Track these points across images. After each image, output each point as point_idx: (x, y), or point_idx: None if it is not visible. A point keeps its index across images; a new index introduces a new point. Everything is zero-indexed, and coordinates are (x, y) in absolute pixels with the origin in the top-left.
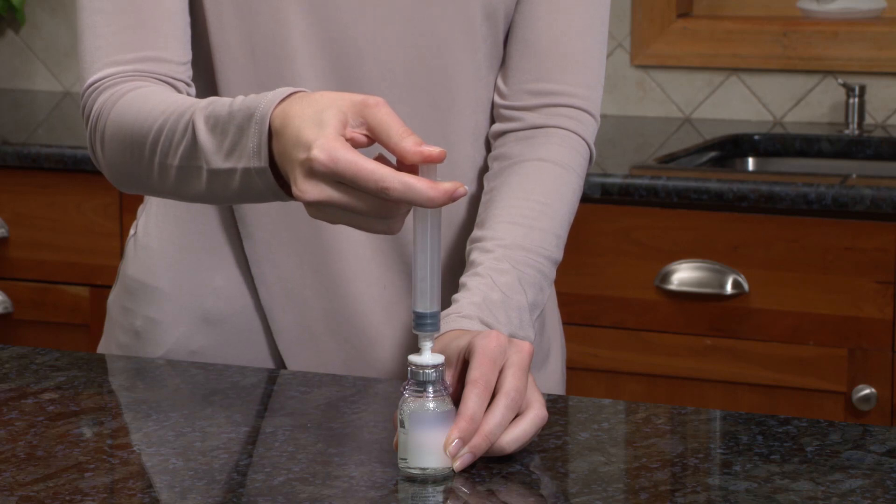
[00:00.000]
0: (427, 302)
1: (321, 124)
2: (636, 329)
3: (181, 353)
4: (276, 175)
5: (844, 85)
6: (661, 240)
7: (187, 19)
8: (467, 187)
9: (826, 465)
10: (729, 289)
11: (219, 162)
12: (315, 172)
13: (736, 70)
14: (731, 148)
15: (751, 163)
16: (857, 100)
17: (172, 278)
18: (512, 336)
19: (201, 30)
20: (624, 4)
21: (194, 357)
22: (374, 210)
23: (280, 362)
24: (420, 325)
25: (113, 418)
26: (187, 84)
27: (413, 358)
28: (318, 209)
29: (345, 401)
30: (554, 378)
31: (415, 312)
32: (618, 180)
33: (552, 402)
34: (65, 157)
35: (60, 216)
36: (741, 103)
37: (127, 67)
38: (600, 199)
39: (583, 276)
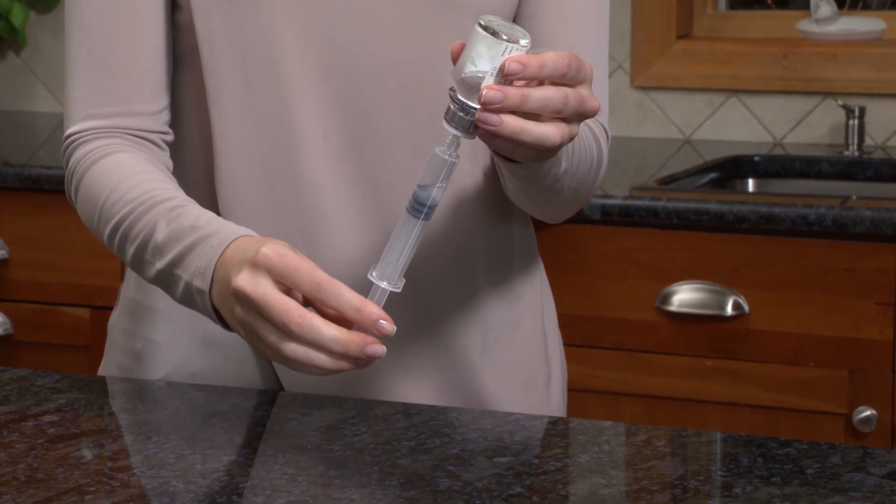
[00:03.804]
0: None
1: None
2: (636, 350)
3: (182, 376)
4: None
5: (844, 106)
6: (661, 261)
7: (164, 60)
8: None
9: (826, 487)
10: (729, 310)
11: (168, 266)
12: (258, 265)
13: (736, 91)
14: (731, 169)
15: (751, 184)
16: (857, 121)
17: (173, 300)
18: None
19: (192, 55)
20: (624, 26)
21: (195, 379)
22: (296, 326)
23: (278, 383)
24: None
25: (113, 440)
26: (163, 134)
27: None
28: (244, 310)
29: (345, 423)
30: (555, 399)
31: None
32: (618, 201)
33: (552, 424)
34: (64, 178)
35: (61, 237)
36: (741, 124)
37: (102, 123)
38: (600, 220)
39: (583, 298)
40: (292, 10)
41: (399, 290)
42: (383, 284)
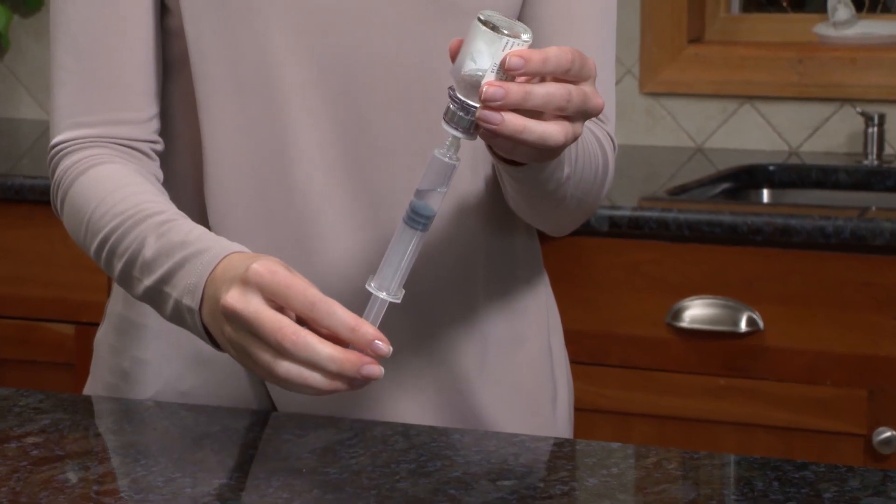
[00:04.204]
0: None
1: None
2: (646, 368)
3: (171, 395)
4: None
5: (863, 113)
6: (671, 275)
7: (153, 66)
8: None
9: None
10: (743, 326)
11: (157, 283)
12: (248, 282)
13: (750, 98)
14: (745, 179)
15: (765, 194)
16: (876, 129)
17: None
18: None
19: (182, 61)
20: (632, 29)
21: (184, 398)
22: (290, 344)
23: (272, 403)
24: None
25: (99, 463)
26: (153, 143)
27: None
28: (234, 329)
29: (342, 444)
30: (561, 419)
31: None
32: (626, 213)
33: (558, 446)
34: (49, 188)
35: (45, 250)
36: (755, 132)
37: (90, 132)
38: (608, 232)
39: (590, 313)
40: (286, 14)
41: (399, 301)
42: (382, 295)
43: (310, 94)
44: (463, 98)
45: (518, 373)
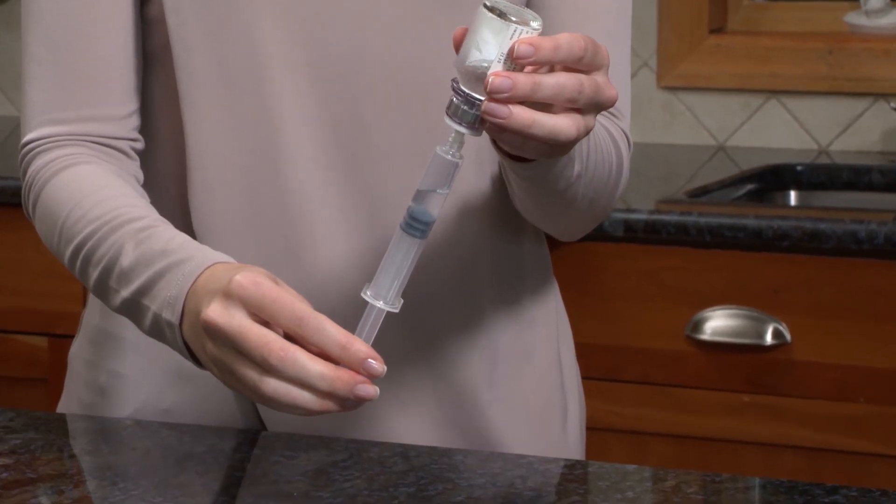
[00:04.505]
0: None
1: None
2: (664, 384)
3: (152, 412)
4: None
5: None
6: (691, 283)
7: (133, 59)
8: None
9: None
10: (769, 339)
11: (135, 295)
12: (231, 295)
13: (776, 92)
14: (771, 179)
15: (793, 196)
16: None
17: None
18: None
19: (164, 53)
20: (649, 18)
21: (166, 417)
22: (277, 360)
23: (260, 422)
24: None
25: (74, 486)
26: (132, 141)
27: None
28: (216, 345)
29: (335, 466)
30: (571, 439)
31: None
32: (642, 216)
33: (569, 468)
34: (21, 189)
35: (15, 256)
36: (782, 129)
37: (64, 129)
38: (623, 237)
39: (603, 325)
40: (276, 3)
41: (397, 311)
42: (379, 304)
43: (302, 89)
44: (467, 90)
45: (526, 389)
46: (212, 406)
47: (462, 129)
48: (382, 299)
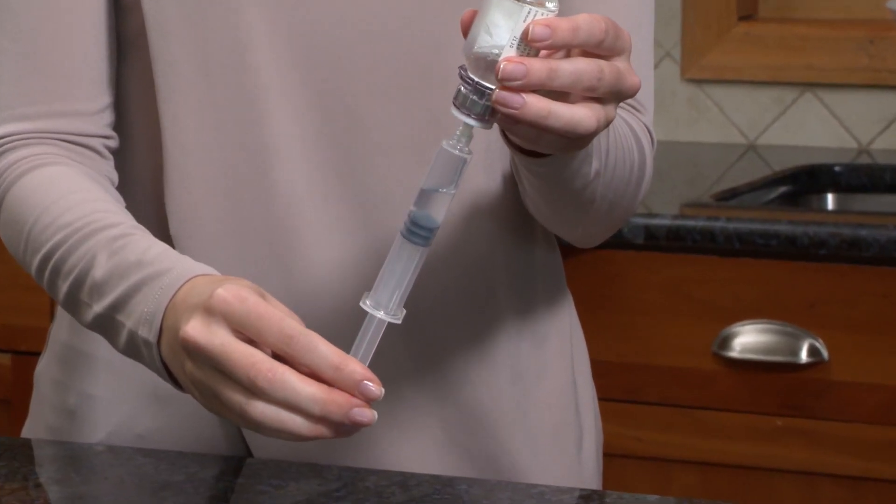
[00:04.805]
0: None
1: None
2: (689, 406)
3: (126, 438)
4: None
5: None
6: (719, 296)
7: (106, 48)
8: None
9: None
10: (804, 356)
11: (109, 310)
12: (213, 310)
13: (811, 85)
14: (806, 181)
15: (830, 200)
16: None
17: None
18: None
19: (139, 41)
20: (673, 4)
21: (142, 442)
22: (265, 382)
23: (246, 448)
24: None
25: None
26: (106, 138)
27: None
28: (197, 365)
29: (328, 496)
30: (587, 466)
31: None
32: (665, 221)
33: (584, 498)
34: None
35: None
36: (818, 126)
37: (31, 126)
38: (644, 244)
39: (623, 341)
40: None
41: (399, 322)
42: (380, 314)
43: (290, 78)
44: (476, 79)
45: (537, 411)
46: (192, 430)
47: (470, 122)
48: (383, 309)
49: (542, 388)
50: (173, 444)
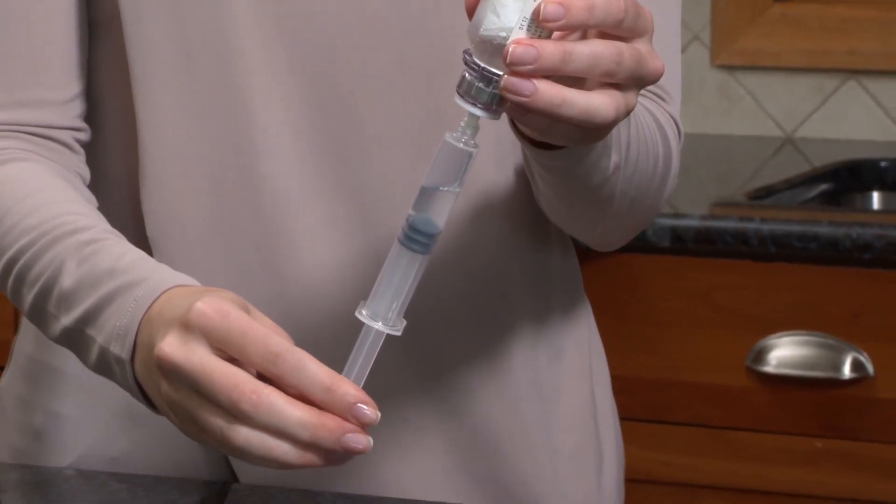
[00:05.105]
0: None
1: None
2: (720, 427)
3: (98, 461)
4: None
5: None
6: (753, 304)
7: (75, 31)
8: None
9: None
10: (846, 371)
11: (78, 323)
12: (191, 326)
13: (854, 72)
14: (849, 178)
15: (875, 199)
16: None
17: None
18: None
19: (112, 23)
20: None
21: (115, 466)
22: (249, 405)
23: (231, 472)
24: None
25: None
26: (76, 130)
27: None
28: (173, 386)
29: None
30: (608, 492)
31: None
32: (694, 222)
33: None
34: None
35: None
36: (862, 117)
37: None
38: (670, 248)
39: (647, 355)
40: None
41: (399, 333)
42: (378, 325)
43: (279, 64)
44: (483, 64)
45: (552, 432)
46: (171, 453)
47: (477, 112)
48: (382, 319)
49: (559, 406)
50: (150, 467)
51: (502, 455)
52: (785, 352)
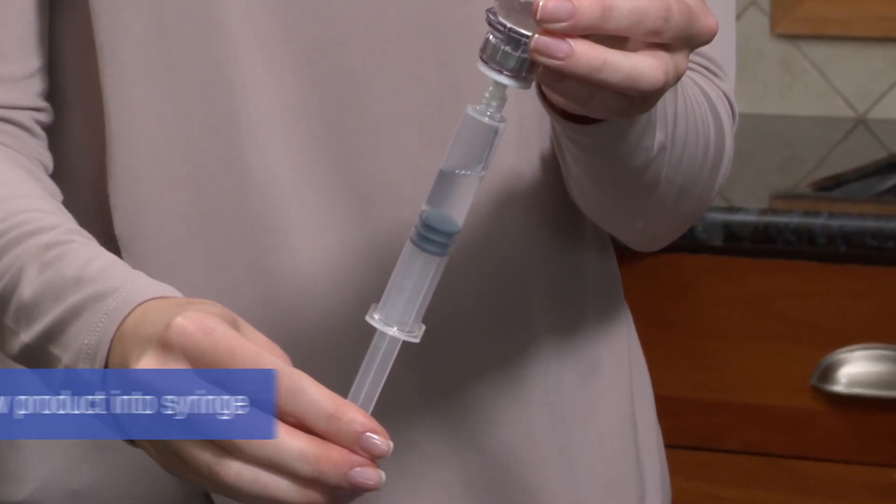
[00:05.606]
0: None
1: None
2: (781, 455)
3: (58, 494)
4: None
5: None
6: (820, 313)
7: (37, 3)
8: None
9: None
10: None
11: (40, 339)
12: (170, 345)
13: None
14: None
15: None
16: None
17: None
18: None
19: None
20: None
21: (78, 499)
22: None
23: (207, 501)
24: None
25: None
26: (36, 111)
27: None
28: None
29: None
30: None
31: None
32: (751, 217)
33: None
34: None
35: None
36: None
37: None
38: (724, 247)
39: (698, 372)
40: None
41: (417, 340)
42: (393, 331)
43: (269, 34)
44: (510, 24)
45: (585, 461)
46: (140, 485)
47: (503, 80)
48: (397, 324)
49: (592, 431)
50: (116, 501)
51: (523, 487)
52: (857, 368)
